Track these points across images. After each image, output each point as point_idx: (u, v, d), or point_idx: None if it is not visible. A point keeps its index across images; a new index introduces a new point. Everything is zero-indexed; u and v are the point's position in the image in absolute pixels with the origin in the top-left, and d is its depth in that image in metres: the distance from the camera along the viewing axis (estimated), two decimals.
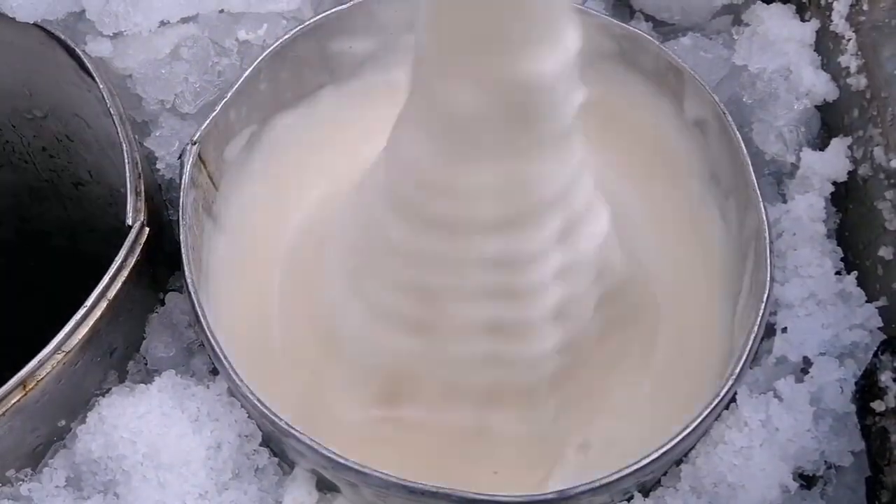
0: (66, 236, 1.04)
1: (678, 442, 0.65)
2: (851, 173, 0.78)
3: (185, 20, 0.82)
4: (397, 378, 0.72)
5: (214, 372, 0.72)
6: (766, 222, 0.71)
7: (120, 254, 0.69)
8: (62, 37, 0.78)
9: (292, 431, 0.65)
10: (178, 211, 0.72)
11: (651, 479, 0.69)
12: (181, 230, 0.71)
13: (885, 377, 0.67)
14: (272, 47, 0.78)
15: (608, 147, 0.83)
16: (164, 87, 0.81)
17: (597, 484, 0.63)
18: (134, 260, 0.70)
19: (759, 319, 0.68)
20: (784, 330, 0.73)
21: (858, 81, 0.78)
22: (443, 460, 0.72)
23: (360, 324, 0.72)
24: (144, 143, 0.81)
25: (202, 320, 0.68)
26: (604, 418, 0.74)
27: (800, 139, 0.80)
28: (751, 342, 0.67)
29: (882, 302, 0.73)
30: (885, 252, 0.74)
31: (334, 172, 0.82)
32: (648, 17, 0.89)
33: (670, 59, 0.78)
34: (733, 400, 0.69)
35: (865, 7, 0.79)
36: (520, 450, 0.73)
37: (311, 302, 0.77)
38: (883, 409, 0.66)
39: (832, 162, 0.78)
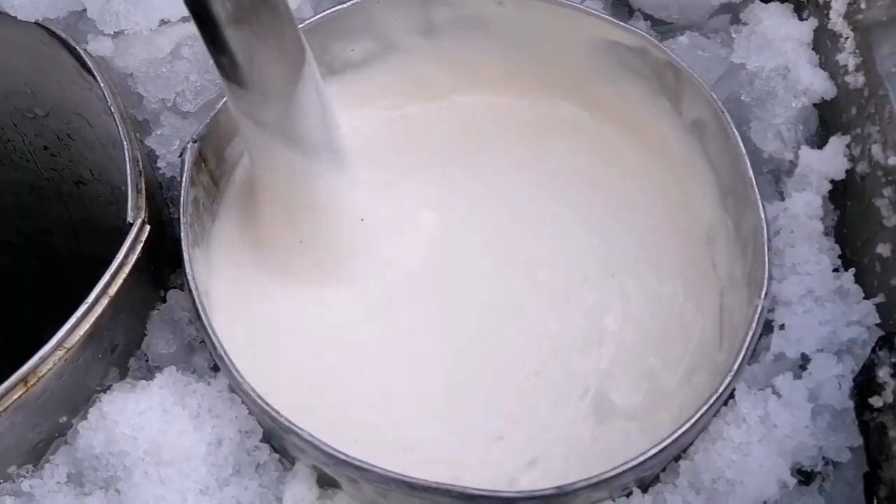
0: (67, 235, 1.04)
1: (677, 438, 0.65)
2: (849, 171, 0.78)
3: (185, 19, 0.82)
4: None
5: (215, 368, 0.73)
6: (764, 220, 0.71)
7: (121, 251, 0.69)
8: (63, 36, 0.79)
9: (293, 428, 0.65)
10: (178, 209, 0.72)
11: (650, 474, 0.69)
12: (182, 228, 0.71)
13: (882, 373, 0.67)
14: None
15: (606, 145, 0.84)
16: (165, 86, 0.81)
17: (595, 480, 0.64)
18: (135, 257, 0.70)
19: (756, 316, 0.68)
20: (782, 327, 0.73)
21: (856, 79, 0.78)
22: None
23: None
24: (145, 142, 0.81)
25: (203, 317, 0.68)
26: None
27: (798, 137, 0.81)
28: (749, 339, 0.68)
29: (880, 298, 0.73)
30: (882, 249, 0.74)
31: None
32: (647, 16, 0.89)
33: (668, 58, 0.78)
34: (732, 396, 0.69)
35: (863, 5, 0.79)
36: None
37: None
38: (881, 404, 0.67)
39: (830, 160, 0.78)
